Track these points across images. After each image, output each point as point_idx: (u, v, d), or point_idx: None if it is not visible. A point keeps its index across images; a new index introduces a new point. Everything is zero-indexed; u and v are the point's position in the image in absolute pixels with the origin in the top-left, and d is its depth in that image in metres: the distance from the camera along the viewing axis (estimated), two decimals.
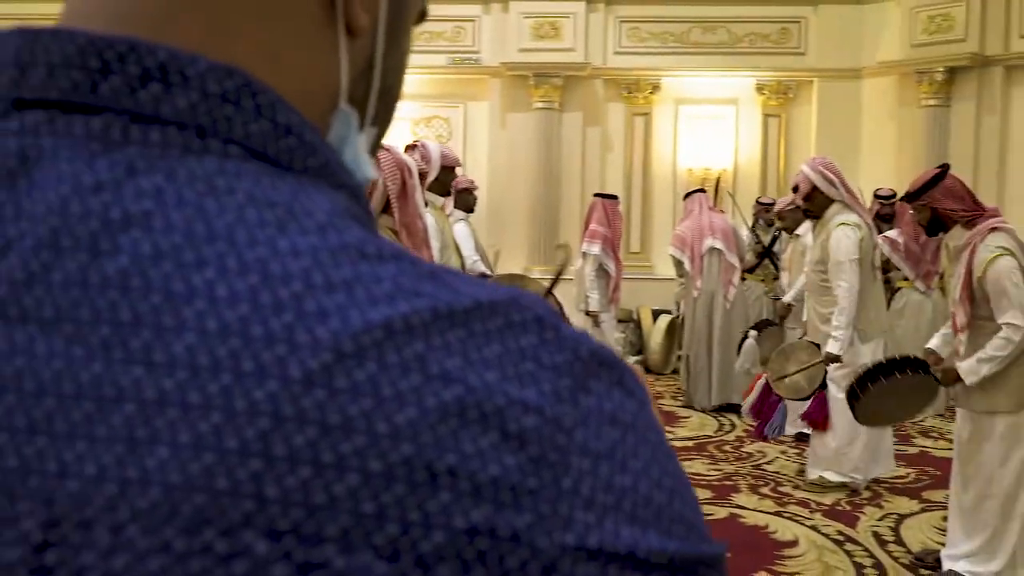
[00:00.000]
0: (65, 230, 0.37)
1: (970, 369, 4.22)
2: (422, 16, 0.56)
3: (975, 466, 4.38)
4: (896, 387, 4.39)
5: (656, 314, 10.39)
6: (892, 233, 8.05)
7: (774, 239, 8.75)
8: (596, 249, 7.93)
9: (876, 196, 8.66)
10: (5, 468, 0.34)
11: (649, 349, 10.02)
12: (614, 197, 8.45)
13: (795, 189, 5.74)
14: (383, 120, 0.54)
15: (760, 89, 11.52)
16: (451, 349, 0.37)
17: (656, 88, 11.57)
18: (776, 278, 8.64)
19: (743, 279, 8.81)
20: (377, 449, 0.34)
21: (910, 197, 4.55)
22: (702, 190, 8.95)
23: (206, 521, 0.33)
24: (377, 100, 0.51)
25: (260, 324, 0.36)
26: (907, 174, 10.04)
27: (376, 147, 0.54)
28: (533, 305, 0.40)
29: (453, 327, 0.38)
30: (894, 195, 8.70)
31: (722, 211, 9.14)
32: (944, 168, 4.56)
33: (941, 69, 10.44)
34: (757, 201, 9.66)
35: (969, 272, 4.23)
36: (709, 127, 11.61)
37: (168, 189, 0.39)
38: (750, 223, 9.28)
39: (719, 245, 8.32)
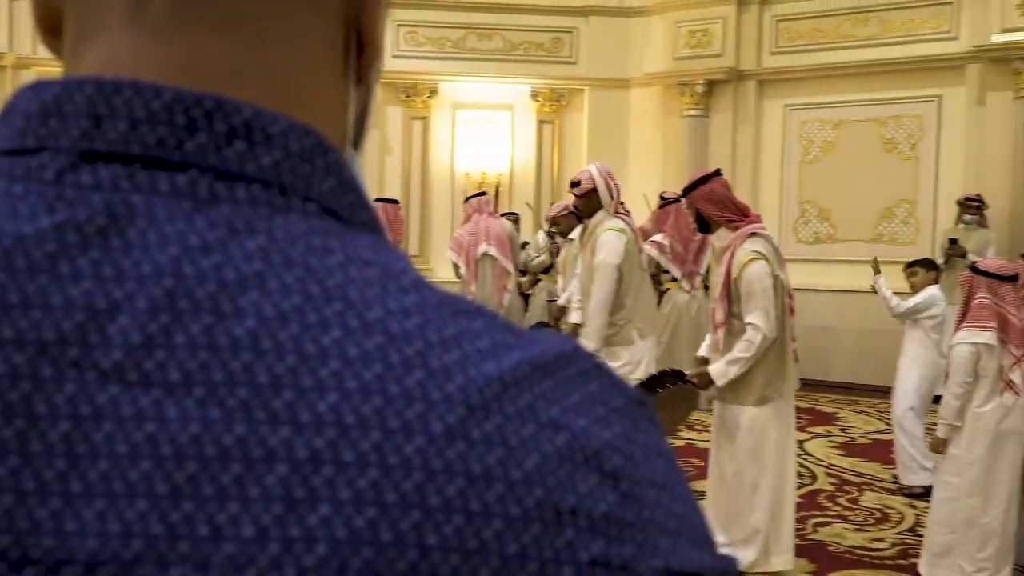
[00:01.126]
0: (182, 292, 0.37)
1: (719, 372, 4.54)
2: None
3: (727, 458, 4.71)
4: (660, 402, 4.63)
5: None
6: (659, 237, 8.47)
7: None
8: None
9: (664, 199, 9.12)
10: (151, 535, 0.34)
11: None
12: (395, 201, 8.46)
13: (575, 184, 5.86)
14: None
15: (535, 96, 11.83)
16: (548, 398, 0.39)
17: (434, 92, 11.67)
18: None
19: (538, 281, 9.11)
20: (515, 494, 0.37)
21: (683, 192, 4.87)
22: (483, 194, 9.11)
23: (376, 573, 0.35)
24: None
25: (396, 383, 0.37)
26: (671, 179, 10.60)
27: None
28: (589, 354, 0.43)
29: (545, 377, 0.40)
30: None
31: (509, 215, 9.35)
32: (713, 173, 4.83)
33: (701, 81, 11.07)
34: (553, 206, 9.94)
35: (728, 272, 4.53)
36: (486, 132, 11.82)
37: (273, 249, 0.39)
38: (547, 227, 9.49)
39: (493, 252, 8.51)
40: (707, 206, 4.65)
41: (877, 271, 6.93)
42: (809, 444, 7.76)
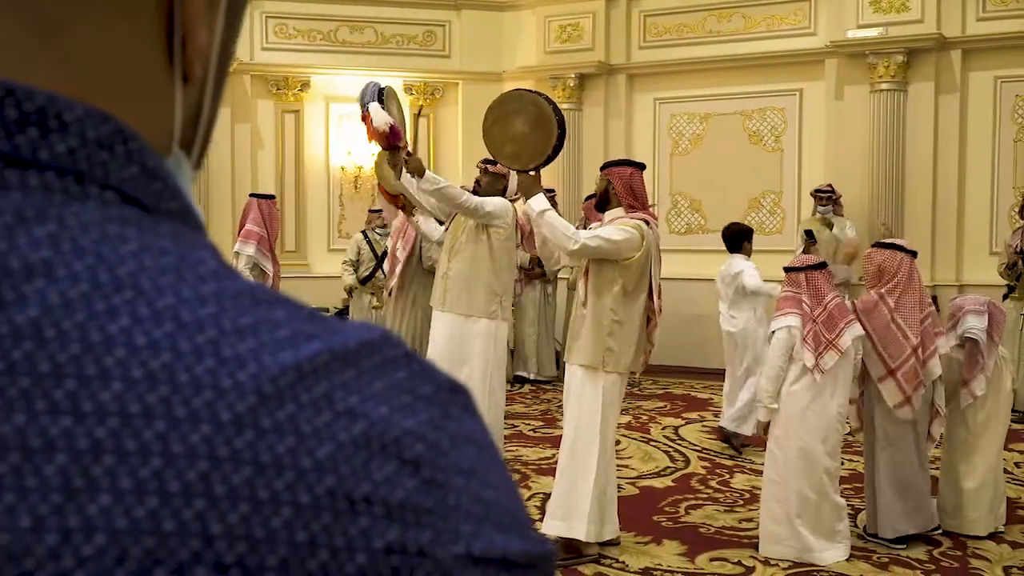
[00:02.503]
0: None
1: (539, 202, 4.78)
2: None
3: (572, 433, 4.86)
4: (528, 112, 4.89)
5: None
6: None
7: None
8: (250, 249, 7.78)
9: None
10: None
11: None
12: (271, 196, 8.35)
13: (494, 161, 6.17)
14: (198, 164, 0.54)
15: (408, 89, 11.77)
16: (348, 387, 0.40)
17: (306, 85, 11.51)
18: None
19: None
20: (305, 483, 0.37)
21: (601, 167, 5.16)
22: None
23: (157, 562, 0.34)
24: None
25: (185, 371, 0.37)
26: (546, 172, 10.69)
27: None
28: (400, 343, 0.44)
29: (346, 367, 0.40)
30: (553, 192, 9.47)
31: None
32: (639, 163, 5.15)
33: (572, 75, 11.20)
34: None
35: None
36: (360, 125, 11.66)
37: (63, 237, 0.39)
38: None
39: (399, 252, 8.52)
40: (621, 186, 4.91)
41: None
42: (684, 429, 7.95)
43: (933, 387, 5.15)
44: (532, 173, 4.84)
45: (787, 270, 5.16)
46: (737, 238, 7.53)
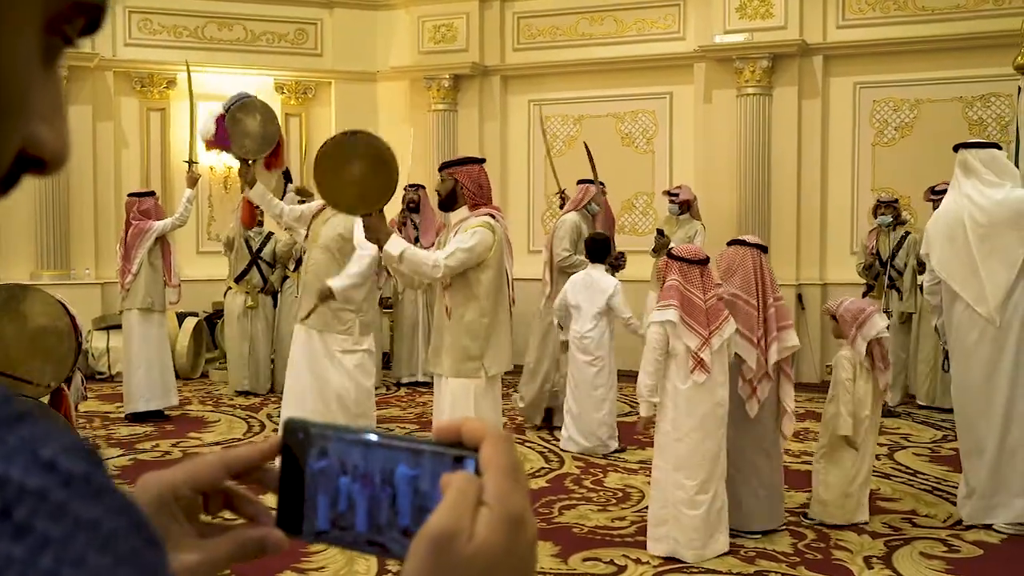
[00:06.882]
0: None
1: (395, 245, 4.63)
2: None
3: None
4: (363, 155, 4.54)
5: (181, 317, 10.04)
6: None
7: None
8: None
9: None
10: None
11: (176, 353, 9.67)
12: (151, 193, 8.43)
13: None
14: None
15: (280, 88, 11.54)
16: None
17: (172, 83, 11.16)
18: None
19: (285, 278, 9.05)
20: None
21: (442, 167, 5.09)
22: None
23: None
24: None
25: None
26: (420, 173, 10.65)
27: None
28: None
29: None
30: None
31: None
32: (480, 159, 5.19)
33: (447, 76, 11.16)
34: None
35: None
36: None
37: None
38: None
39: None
40: (468, 182, 4.90)
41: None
42: (558, 430, 7.97)
43: (779, 385, 5.27)
44: (377, 213, 4.63)
45: (677, 259, 5.03)
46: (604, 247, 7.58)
